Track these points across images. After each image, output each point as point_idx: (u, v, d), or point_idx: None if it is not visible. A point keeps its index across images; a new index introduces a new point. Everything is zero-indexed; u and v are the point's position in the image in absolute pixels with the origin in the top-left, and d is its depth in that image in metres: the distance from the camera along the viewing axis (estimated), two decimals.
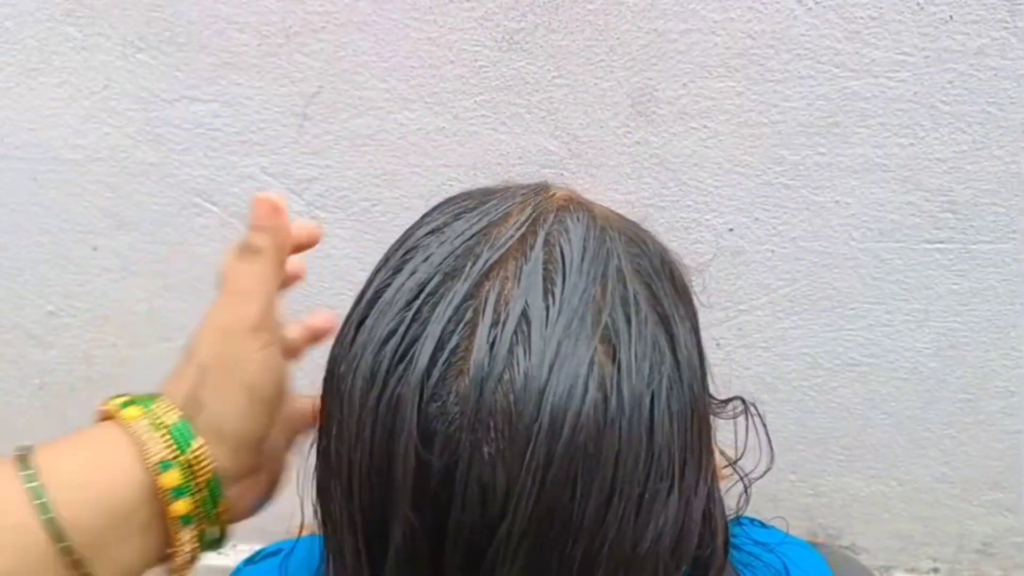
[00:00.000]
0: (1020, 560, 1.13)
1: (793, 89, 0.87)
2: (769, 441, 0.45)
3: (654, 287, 0.38)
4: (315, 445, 0.39)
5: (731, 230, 0.94)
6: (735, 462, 0.44)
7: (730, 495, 0.44)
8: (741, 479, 0.46)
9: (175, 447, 0.34)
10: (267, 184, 0.95)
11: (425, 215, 0.40)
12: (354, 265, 0.98)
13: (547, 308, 0.34)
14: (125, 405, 0.36)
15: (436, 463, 0.33)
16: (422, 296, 0.35)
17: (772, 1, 0.83)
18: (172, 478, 0.34)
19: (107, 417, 0.36)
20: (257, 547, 0.53)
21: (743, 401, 0.45)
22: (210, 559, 0.40)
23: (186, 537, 0.35)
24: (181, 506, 0.35)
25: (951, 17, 0.83)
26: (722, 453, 0.43)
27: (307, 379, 0.43)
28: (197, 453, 0.35)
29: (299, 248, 0.42)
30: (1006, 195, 0.91)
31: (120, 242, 1.00)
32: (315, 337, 0.44)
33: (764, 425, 0.46)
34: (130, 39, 0.90)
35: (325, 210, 0.96)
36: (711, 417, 0.41)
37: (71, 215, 0.99)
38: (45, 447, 0.34)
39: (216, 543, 0.38)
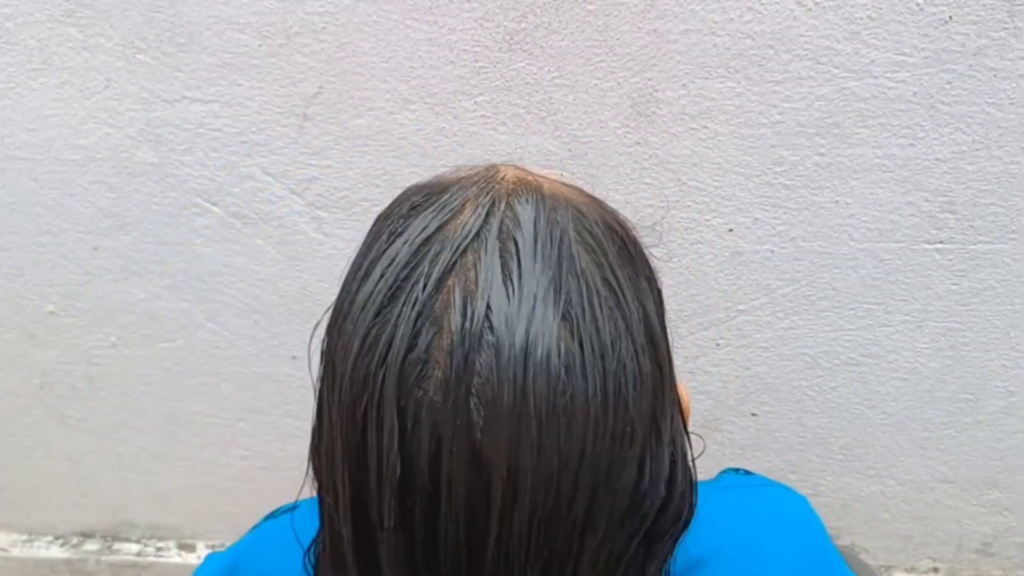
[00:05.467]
0: (1020, 560, 1.13)
1: (793, 90, 0.87)
2: None
3: (600, 257, 0.40)
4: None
5: (731, 230, 0.94)
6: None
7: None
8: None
9: None
10: (267, 184, 0.95)
11: (384, 218, 0.42)
12: None
13: (508, 296, 0.36)
14: None
15: (421, 455, 0.35)
16: (391, 299, 0.37)
17: (772, 1, 0.83)
18: None
19: None
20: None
21: None
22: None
23: None
24: None
25: (950, 17, 0.83)
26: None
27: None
28: None
29: None
30: (1006, 195, 0.91)
31: (120, 242, 1.00)
32: None
33: None
34: (131, 39, 0.90)
35: (325, 210, 0.96)
36: (672, 364, 0.43)
37: (71, 215, 0.99)
38: None
39: None
